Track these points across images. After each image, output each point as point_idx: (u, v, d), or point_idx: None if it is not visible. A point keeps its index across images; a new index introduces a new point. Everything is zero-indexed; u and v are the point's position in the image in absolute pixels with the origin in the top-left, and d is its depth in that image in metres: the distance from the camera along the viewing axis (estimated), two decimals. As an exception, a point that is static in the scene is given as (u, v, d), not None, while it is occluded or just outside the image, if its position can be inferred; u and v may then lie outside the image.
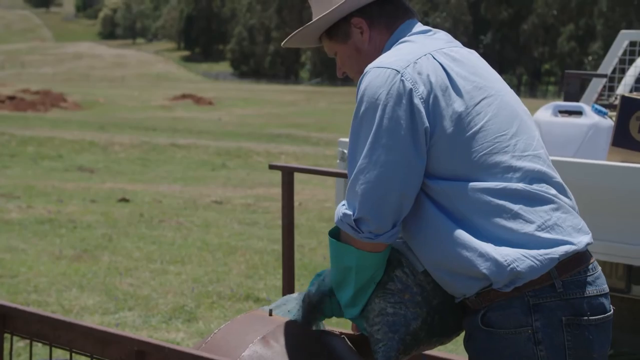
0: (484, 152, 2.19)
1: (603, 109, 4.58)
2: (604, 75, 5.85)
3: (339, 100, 50.83)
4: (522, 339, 2.13)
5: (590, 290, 2.19)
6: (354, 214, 2.20)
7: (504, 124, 2.23)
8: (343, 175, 3.95)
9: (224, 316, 6.13)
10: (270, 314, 2.73)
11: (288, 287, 3.53)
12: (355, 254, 2.27)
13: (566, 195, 2.27)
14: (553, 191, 2.22)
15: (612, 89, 6.05)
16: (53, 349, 2.61)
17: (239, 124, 32.27)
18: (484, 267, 2.13)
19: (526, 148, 2.23)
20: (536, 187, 2.19)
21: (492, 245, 2.14)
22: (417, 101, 2.17)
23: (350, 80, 2.55)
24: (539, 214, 2.17)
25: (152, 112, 37.97)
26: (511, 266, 2.12)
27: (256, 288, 7.08)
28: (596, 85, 5.97)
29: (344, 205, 2.24)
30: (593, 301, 2.18)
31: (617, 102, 5.02)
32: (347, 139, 4.49)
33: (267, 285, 7.18)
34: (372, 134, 2.18)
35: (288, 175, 3.39)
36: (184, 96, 47.70)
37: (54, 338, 2.61)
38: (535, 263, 2.12)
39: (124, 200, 11.78)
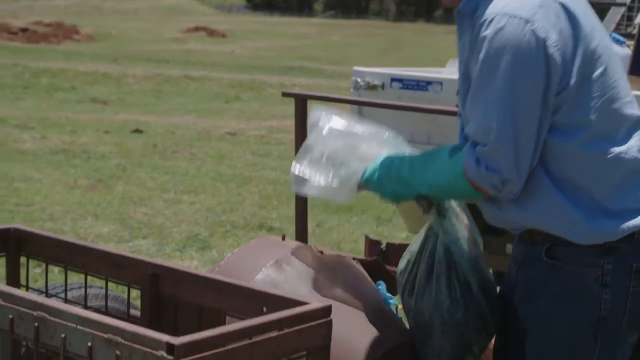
0: (604, 98, 2.10)
1: (621, 38, 4.53)
2: (623, 4, 5.78)
3: (353, 34, 50.44)
4: (589, 279, 2.11)
5: None
6: (500, 174, 2.08)
7: (615, 67, 2.14)
8: (357, 103, 3.92)
9: (237, 245, 6.16)
10: (283, 239, 2.74)
11: (301, 217, 3.53)
12: (467, 191, 2.16)
13: None
14: None
15: (630, 18, 5.98)
16: (68, 273, 2.62)
17: (252, 56, 32.08)
18: (579, 239, 2.11)
19: (627, 93, 2.17)
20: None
21: (591, 217, 2.11)
22: (552, 51, 2.03)
23: (365, 12, 2.49)
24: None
25: (165, 44, 37.74)
26: (605, 233, 2.10)
27: (269, 218, 7.10)
28: (615, 15, 5.90)
29: (477, 159, 2.09)
30: None
31: (635, 31, 4.96)
32: (362, 68, 4.45)
33: (280, 215, 7.20)
34: (506, 89, 2.04)
35: (301, 102, 3.38)
36: (197, 29, 47.37)
37: (69, 261, 2.62)
38: (626, 228, 2.11)
39: (138, 131, 11.78)
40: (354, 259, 2.76)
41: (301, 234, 3.43)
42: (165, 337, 1.81)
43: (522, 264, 2.23)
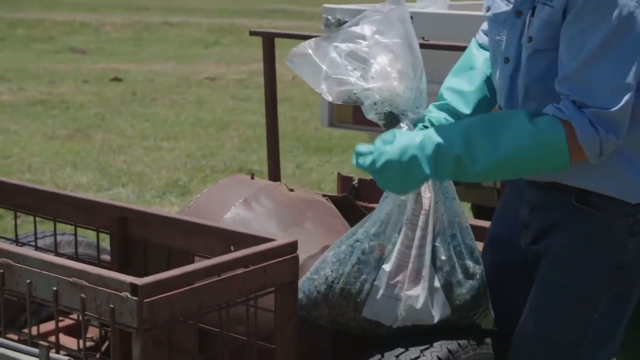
0: None
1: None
2: None
3: (333, -26, 49.87)
4: (620, 227, 2.07)
5: None
6: (618, 137, 1.94)
7: None
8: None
9: (218, 189, 6.16)
10: (252, 177, 2.73)
11: (273, 156, 3.53)
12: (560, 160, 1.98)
13: None
14: None
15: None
16: (39, 222, 2.61)
17: (233, 1, 31.78)
18: (635, 196, 2.05)
19: None
20: None
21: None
22: None
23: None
24: None
25: (144, -9, 37.31)
26: None
27: (249, 161, 7.09)
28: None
29: (591, 122, 1.92)
30: None
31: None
32: (332, 5, 4.41)
33: (260, 157, 7.18)
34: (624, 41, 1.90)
35: (269, 41, 3.35)
36: (175, -26, 46.76)
37: (38, 209, 2.61)
38: None
39: (117, 79, 11.68)
40: (324, 195, 2.76)
41: (274, 174, 3.42)
42: (129, 278, 1.81)
43: (538, 207, 2.15)
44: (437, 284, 2.16)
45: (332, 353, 2.38)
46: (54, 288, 1.91)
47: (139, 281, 1.79)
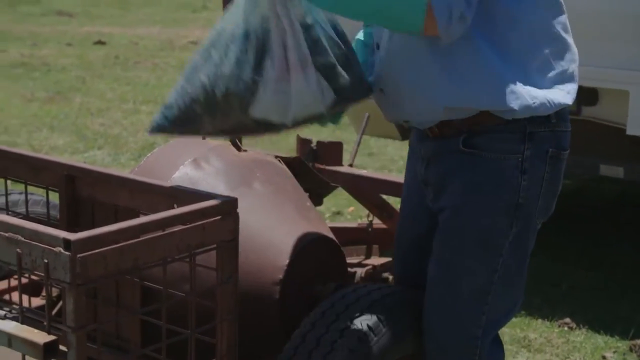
0: None
1: None
2: None
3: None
4: (509, 166, 2.10)
5: (569, 125, 2.18)
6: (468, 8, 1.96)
7: None
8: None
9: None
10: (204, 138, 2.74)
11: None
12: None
13: None
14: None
15: None
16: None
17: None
18: (513, 104, 2.05)
19: None
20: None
21: (523, 85, 2.06)
22: None
23: None
24: (566, 61, 2.13)
25: (134, -45, 37.06)
26: (533, 106, 2.06)
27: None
28: None
29: None
30: (569, 136, 2.18)
31: None
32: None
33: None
34: None
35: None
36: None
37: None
38: (551, 106, 2.09)
39: (100, 42, 11.65)
40: (276, 157, 2.77)
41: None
42: (62, 234, 1.82)
43: (431, 160, 2.21)
44: (315, 71, 2.05)
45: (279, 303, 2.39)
46: (-9, 243, 1.92)
47: (72, 236, 1.80)
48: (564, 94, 2.12)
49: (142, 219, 1.96)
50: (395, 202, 4.51)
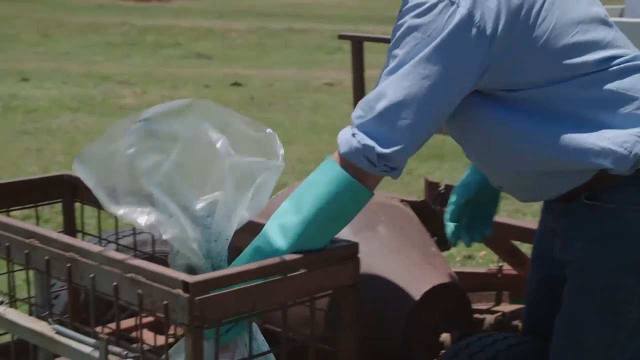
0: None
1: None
2: None
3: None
4: (631, 217, 2.01)
5: None
6: (383, 147, 1.91)
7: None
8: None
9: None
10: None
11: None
12: (354, 190, 1.97)
13: None
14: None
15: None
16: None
17: (360, 7, 31.88)
18: (603, 161, 1.97)
19: None
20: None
21: (603, 136, 1.97)
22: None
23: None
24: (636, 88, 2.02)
25: (273, -2, 37.88)
26: (634, 152, 1.97)
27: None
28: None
29: (355, 134, 1.94)
30: None
31: None
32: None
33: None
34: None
35: (357, 45, 3.34)
36: (305, -19, 47.22)
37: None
38: None
39: (237, 84, 11.86)
40: (402, 200, 2.73)
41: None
42: (181, 276, 1.84)
43: (560, 214, 2.13)
44: None
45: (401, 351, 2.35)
46: (114, 283, 1.94)
47: (190, 279, 1.81)
48: None
49: (262, 262, 1.94)
50: (527, 249, 4.40)
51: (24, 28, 19.02)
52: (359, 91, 3.40)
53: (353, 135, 1.94)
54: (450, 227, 2.42)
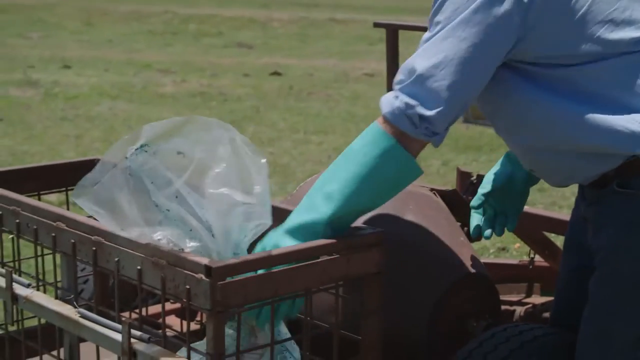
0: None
1: None
2: None
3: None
4: None
5: None
6: (424, 107, 1.95)
7: None
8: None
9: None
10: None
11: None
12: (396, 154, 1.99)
13: None
14: None
15: None
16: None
17: (402, -2, 31.77)
18: (634, 147, 1.96)
19: None
20: None
21: (634, 119, 1.96)
22: None
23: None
24: None
25: (316, -12, 37.85)
26: None
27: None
28: None
29: (398, 96, 1.97)
30: None
31: None
32: None
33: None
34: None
35: (392, 32, 3.32)
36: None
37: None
38: None
39: (276, 73, 11.89)
40: (431, 189, 2.71)
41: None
42: (204, 260, 1.83)
43: (592, 201, 2.11)
44: None
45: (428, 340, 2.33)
46: (138, 267, 1.95)
47: (213, 264, 1.81)
48: None
49: (285, 249, 1.94)
50: (559, 241, 4.38)
51: (67, 16, 19.20)
52: (393, 80, 3.36)
53: (395, 97, 1.97)
54: (474, 217, 2.41)
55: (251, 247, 2.01)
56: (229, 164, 1.92)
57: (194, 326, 2.58)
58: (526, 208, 3.16)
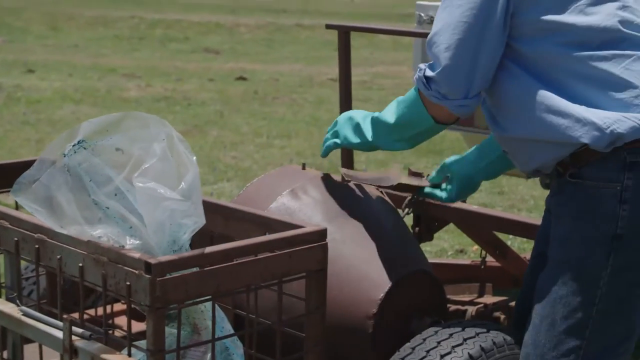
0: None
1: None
2: None
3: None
4: (608, 194, 2.04)
5: None
6: (430, 69, 2.16)
7: None
8: (403, 34, 3.86)
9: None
10: (304, 168, 2.73)
11: (346, 150, 3.51)
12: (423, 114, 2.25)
13: None
14: None
15: None
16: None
17: (372, 4, 31.85)
18: (581, 132, 2.03)
19: None
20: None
21: (588, 109, 2.03)
22: None
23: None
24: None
25: (284, -6, 37.85)
26: (611, 128, 2.01)
27: (357, 161, 7.08)
28: None
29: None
30: None
31: None
32: (425, 2, 4.37)
33: (368, 158, 7.19)
34: None
35: (344, 35, 3.34)
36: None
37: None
38: (637, 123, 2.02)
39: (242, 78, 11.88)
40: (378, 187, 2.73)
41: (347, 166, 3.41)
42: (144, 257, 1.84)
43: (553, 192, 2.19)
44: None
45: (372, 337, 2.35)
46: (80, 264, 1.95)
47: (153, 260, 1.82)
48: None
49: (226, 245, 1.95)
50: (516, 242, 4.37)
51: (33, 20, 19.08)
52: (347, 84, 3.39)
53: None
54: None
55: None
56: (160, 159, 1.92)
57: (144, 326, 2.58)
58: (477, 209, 3.20)
